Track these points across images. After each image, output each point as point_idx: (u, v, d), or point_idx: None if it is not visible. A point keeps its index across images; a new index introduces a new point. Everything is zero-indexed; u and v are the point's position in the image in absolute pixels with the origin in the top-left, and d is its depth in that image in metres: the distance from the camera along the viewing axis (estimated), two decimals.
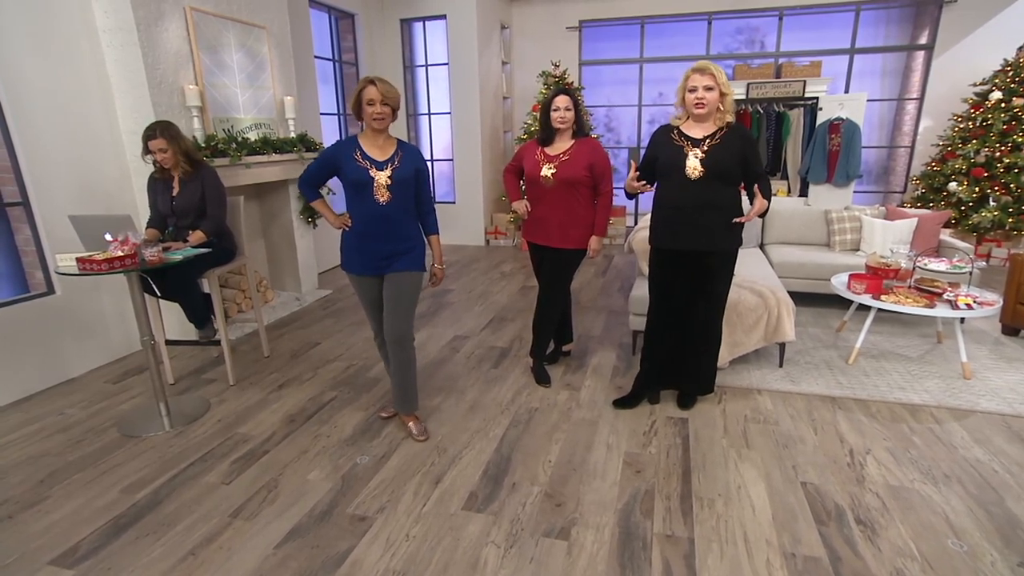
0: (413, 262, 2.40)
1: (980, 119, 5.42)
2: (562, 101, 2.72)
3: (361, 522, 1.97)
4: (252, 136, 3.94)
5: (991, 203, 5.32)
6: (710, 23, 6.71)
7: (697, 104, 2.21)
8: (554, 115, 2.72)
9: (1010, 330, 3.52)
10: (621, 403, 2.75)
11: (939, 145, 5.80)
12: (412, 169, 2.34)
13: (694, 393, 2.74)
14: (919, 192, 5.81)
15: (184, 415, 2.74)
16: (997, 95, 5.33)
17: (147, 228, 2.97)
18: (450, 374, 3.19)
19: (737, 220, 2.31)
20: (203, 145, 3.47)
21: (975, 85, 5.58)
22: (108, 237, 2.43)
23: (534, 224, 2.92)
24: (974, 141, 5.38)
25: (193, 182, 2.89)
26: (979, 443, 2.38)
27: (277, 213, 4.53)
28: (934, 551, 1.78)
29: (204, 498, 2.12)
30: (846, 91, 6.36)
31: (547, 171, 2.77)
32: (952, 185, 5.42)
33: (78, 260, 2.37)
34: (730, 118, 2.28)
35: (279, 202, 4.48)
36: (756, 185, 2.23)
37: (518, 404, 2.82)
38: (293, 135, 4.28)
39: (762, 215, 2.26)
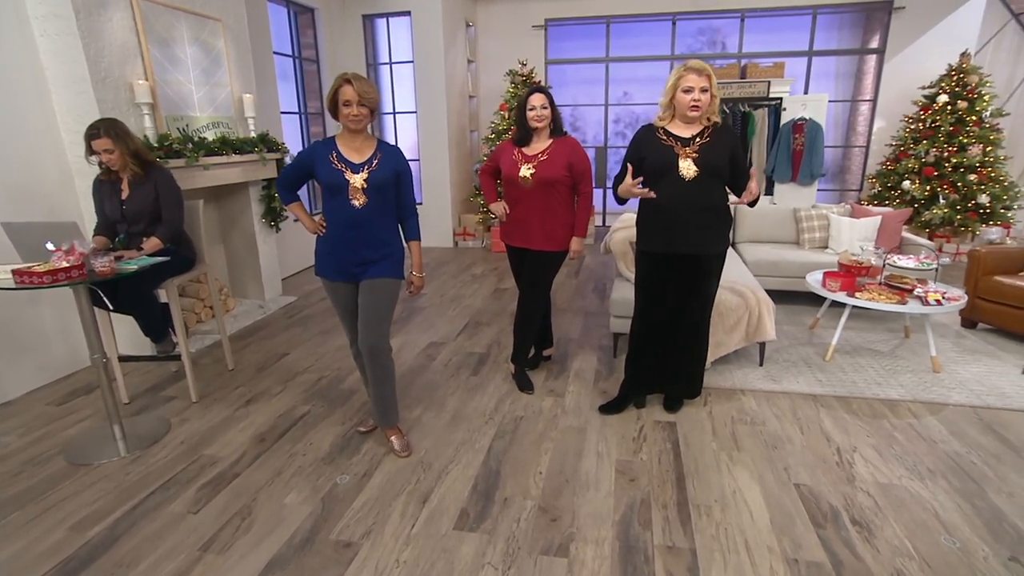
0: (389, 269, 2.28)
1: (929, 121, 5.66)
2: (538, 99, 2.65)
3: (346, 549, 1.84)
4: (209, 136, 3.71)
5: (941, 201, 5.57)
6: (674, 24, 6.79)
7: (693, 106, 2.16)
8: (530, 114, 2.65)
9: (969, 323, 3.67)
10: (607, 408, 2.70)
11: (892, 145, 6.05)
12: (391, 172, 2.22)
13: (682, 396, 2.71)
14: (875, 191, 6.03)
15: (141, 437, 2.53)
16: (944, 98, 5.58)
17: (94, 235, 2.73)
18: (428, 383, 3.07)
19: (736, 202, 2.31)
20: (156, 145, 3.22)
21: (923, 88, 5.83)
22: (50, 246, 2.21)
23: (513, 226, 2.84)
24: (924, 142, 5.62)
25: (145, 185, 2.67)
26: (955, 436, 2.44)
27: (237, 217, 4.28)
28: (929, 549, 1.79)
29: (169, 531, 1.94)
30: (805, 92, 6.54)
31: (526, 172, 2.70)
32: (906, 184, 5.65)
33: (14, 272, 2.13)
34: (716, 118, 2.25)
35: (239, 205, 4.24)
36: (751, 169, 2.23)
37: (502, 413, 2.73)
38: (253, 135, 4.04)
39: (752, 203, 2.24)
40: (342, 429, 2.60)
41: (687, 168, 2.20)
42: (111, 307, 2.59)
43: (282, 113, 5.07)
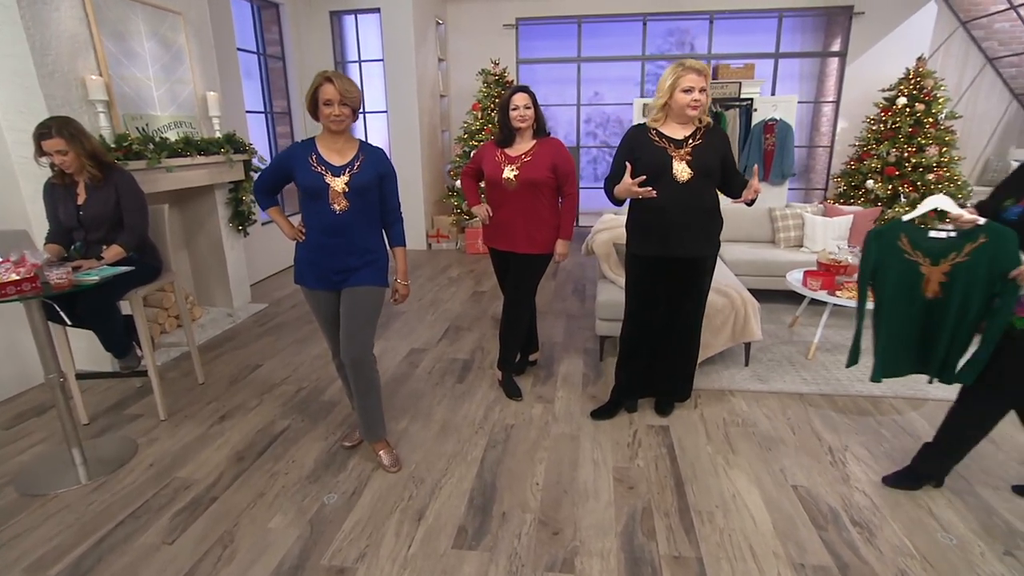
0: (373, 276, 2.18)
1: (889, 122, 5.86)
2: (521, 99, 2.59)
3: (340, 575, 1.74)
4: (172, 136, 3.49)
5: (902, 199, 5.78)
6: (645, 24, 6.84)
7: (693, 106, 2.13)
8: (513, 114, 2.59)
9: None
10: (599, 414, 2.66)
11: (855, 145, 6.24)
12: (374, 174, 2.12)
13: (673, 399, 2.69)
14: (841, 190, 6.21)
15: (105, 462, 2.34)
16: (903, 100, 5.79)
17: (46, 244, 2.52)
18: (413, 392, 2.96)
19: (736, 201, 2.25)
20: (113, 146, 3.01)
21: (883, 91, 6.03)
22: None
23: (497, 229, 2.77)
24: (885, 143, 5.82)
25: (104, 188, 2.48)
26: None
27: (203, 221, 4.06)
28: (929, 547, 1.81)
29: (142, 565, 1.79)
30: (772, 93, 6.68)
31: (509, 173, 2.64)
32: (869, 183, 5.83)
33: None
34: (707, 119, 2.23)
35: (205, 209, 4.02)
36: (755, 166, 2.22)
37: (492, 421, 2.65)
38: (219, 135, 3.84)
39: (750, 202, 2.22)
40: (326, 444, 2.47)
41: (681, 171, 2.17)
42: (68, 322, 2.38)
43: (247, 112, 4.85)
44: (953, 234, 1.86)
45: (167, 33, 3.57)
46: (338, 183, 2.06)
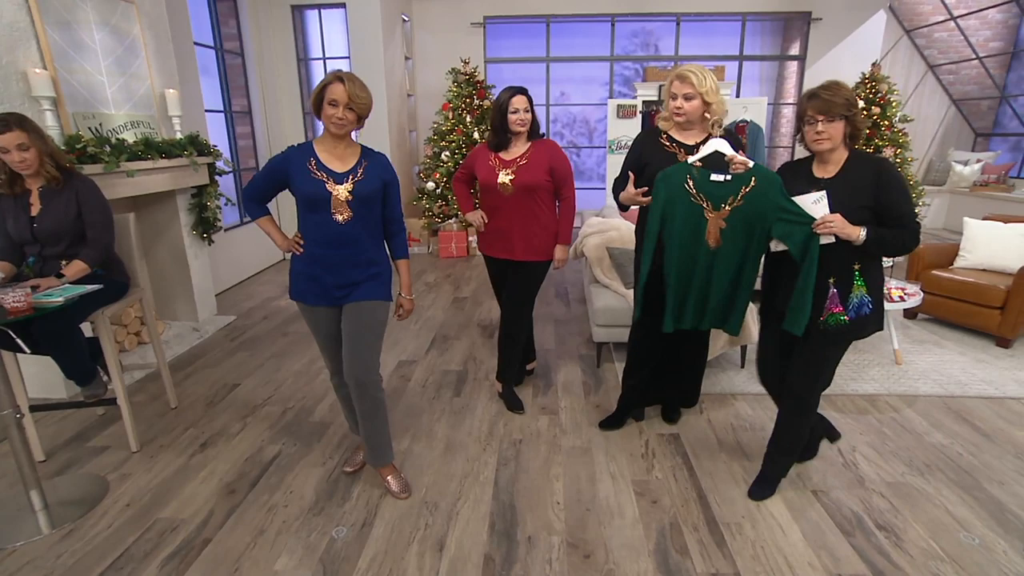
0: (377, 290, 2.04)
1: None
2: (521, 102, 2.50)
3: None
4: (129, 137, 3.19)
5: None
6: (613, 24, 6.86)
7: (676, 113, 2.10)
8: (513, 117, 2.49)
9: (910, 314, 3.95)
10: (607, 424, 2.60)
11: None
12: (378, 182, 1.98)
13: (679, 405, 2.66)
14: None
15: (70, 504, 2.09)
16: (860, 104, 6.04)
17: None
18: (410, 408, 2.82)
19: None
20: (64, 148, 2.70)
21: None
22: None
23: (493, 236, 2.67)
24: None
25: (62, 196, 2.21)
26: (936, 427, 2.56)
27: (164, 229, 3.74)
28: (955, 548, 1.83)
29: None
30: (737, 95, 6.84)
31: (505, 177, 2.54)
32: None
33: None
34: (719, 120, 2.20)
35: (166, 216, 3.70)
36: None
37: (498, 437, 2.54)
38: (180, 136, 3.54)
39: None
40: (324, 470, 2.29)
41: None
42: (27, 350, 2.10)
43: (206, 111, 4.52)
44: (730, 178, 1.93)
45: (120, 23, 3.26)
46: (341, 191, 1.90)
